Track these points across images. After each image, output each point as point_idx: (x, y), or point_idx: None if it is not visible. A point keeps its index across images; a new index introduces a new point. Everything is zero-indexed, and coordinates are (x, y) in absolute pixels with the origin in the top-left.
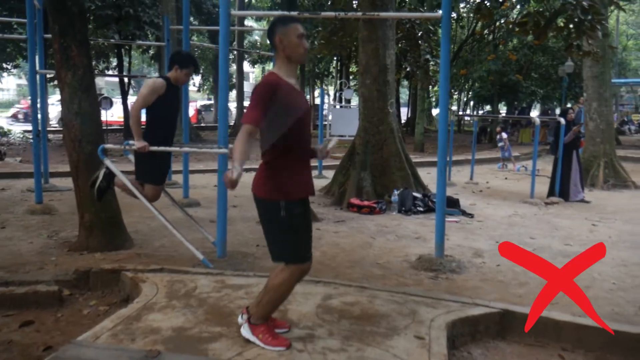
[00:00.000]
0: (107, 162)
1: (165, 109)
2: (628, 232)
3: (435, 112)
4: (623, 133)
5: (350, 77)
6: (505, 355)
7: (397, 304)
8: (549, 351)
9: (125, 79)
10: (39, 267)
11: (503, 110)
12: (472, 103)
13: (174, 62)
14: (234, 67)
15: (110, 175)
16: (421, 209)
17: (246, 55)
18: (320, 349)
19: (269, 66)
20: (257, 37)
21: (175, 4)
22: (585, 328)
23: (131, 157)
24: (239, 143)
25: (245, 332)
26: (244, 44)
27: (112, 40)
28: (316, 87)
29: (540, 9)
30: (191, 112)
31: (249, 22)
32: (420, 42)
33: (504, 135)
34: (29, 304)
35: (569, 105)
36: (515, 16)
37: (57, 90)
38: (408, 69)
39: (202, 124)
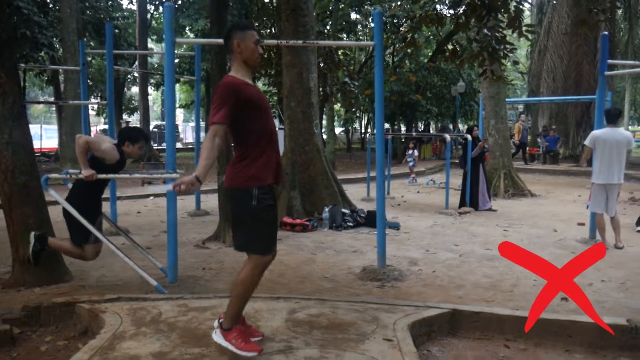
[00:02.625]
0: (52, 192)
1: (104, 171)
2: (535, 235)
3: (337, 130)
4: None
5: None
6: (459, 350)
7: (358, 312)
8: (495, 342)
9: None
10: None
11: (402, 128)
12: (372, 122)
13: (125, 139)
14: (133, 89)
15: (42, 237)
16: (351, 224)
17: (150, 79)
18: (302, 358)
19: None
20: (157, 60)
21: (75, 25)
22: (524, 320)
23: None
24: (205, 148)
25: (218, 337)
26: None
27: (32, 64)
28: None
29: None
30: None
31: (149, 45)
32: (339, 66)
33: (416, 152)
34: None
35: (459, 124)
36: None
37: None
38: (327, 91)
39: None
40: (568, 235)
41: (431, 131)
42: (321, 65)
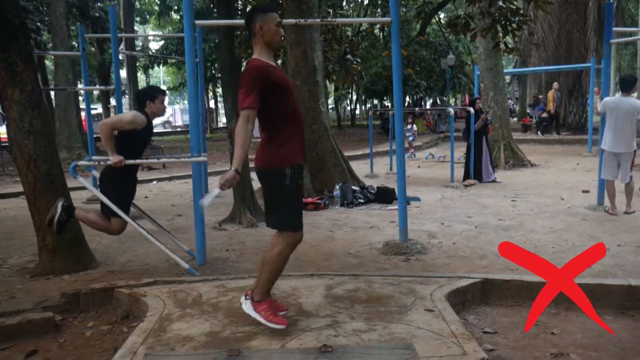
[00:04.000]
0: (81, 179)
1: (137, 143)
2: (543, 204)
3: None
4: None
5: None
6: (494, 317)
7: (393, 285)
8: (527, 308)
9: None
10: (9, 297)
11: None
12: (362, 98)
13: (145, 99)
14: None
15: (69, 208)
16: (362, 200)
17: (137, 61)
18: (352, 331)
19: (152, 71)
20: (141, 43)
21: (64, 9)
22: None
23: (96, 173)
24: (239, 135)
25: (247, 308)
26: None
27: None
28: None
29: (469, 12)
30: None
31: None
32: (341, 42)
33: (415, 127)
34: (22, 334)
35: (450, 97)
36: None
37: None
38: (328, 68)
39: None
40: (575, 203)
41: (425, 105)
42: (323, 42)
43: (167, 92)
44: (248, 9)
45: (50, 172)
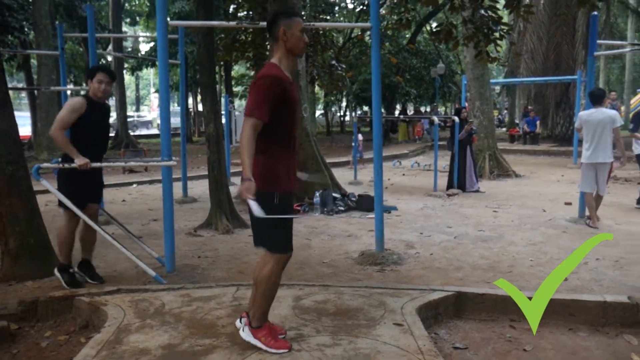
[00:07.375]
0: (44, 182)
1: (87, 129)
2: (525, 215)
3: (316, 114)
4: None
5: (233, 83)
6: (466, 332)
7: (364, 297)
8: (501, 323)
9: None
10: None
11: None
12: (352, 105)
13: (86, 77)
14: None
15: (62, 266)
16: (342, 208)
17: (125, 63)
18: (315, 346)
19: (141, 73)
20: (130, 44)
21: (48, 8)
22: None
23: None
24: (247, 146)
25: (246, 335)
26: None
27: (6, 49)
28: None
29: (452, 20)
30: None
31: (123, 28)
32: (326, 48)
33: (360, 136)
34: None
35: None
36: (386, 23)
37: None
38: (312, 74)
39: None
40: (557, 215)
41: (409, 113)
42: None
43: (111, 72)
44: (235, 11)
45: (15, 174)
